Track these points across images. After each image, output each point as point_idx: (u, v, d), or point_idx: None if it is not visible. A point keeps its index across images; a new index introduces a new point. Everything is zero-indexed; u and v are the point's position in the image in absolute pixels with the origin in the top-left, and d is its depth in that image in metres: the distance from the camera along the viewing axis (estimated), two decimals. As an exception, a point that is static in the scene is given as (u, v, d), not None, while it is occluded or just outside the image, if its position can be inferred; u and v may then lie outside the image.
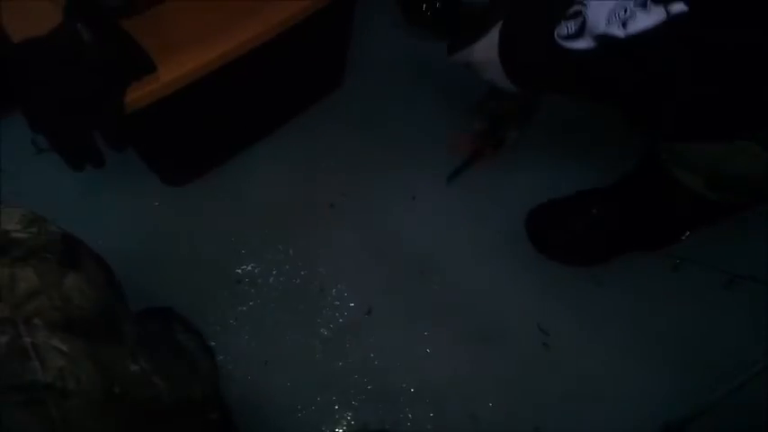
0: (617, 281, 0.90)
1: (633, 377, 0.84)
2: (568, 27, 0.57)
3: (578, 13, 0.56)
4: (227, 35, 0.71)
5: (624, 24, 0.50)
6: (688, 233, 0.86)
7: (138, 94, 0.66)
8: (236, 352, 0.82)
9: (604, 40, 0.54)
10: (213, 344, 0.81)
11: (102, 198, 0.89)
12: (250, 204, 0.93)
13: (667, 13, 0.48)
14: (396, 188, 0.95)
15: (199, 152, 0.91)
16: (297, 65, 0.88)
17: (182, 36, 0.70)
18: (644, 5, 0.49)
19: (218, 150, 0.94)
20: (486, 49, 0.67)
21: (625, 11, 0.51)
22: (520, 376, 0.84)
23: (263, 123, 0.97)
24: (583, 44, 0.56)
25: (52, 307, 0.35)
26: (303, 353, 0.83)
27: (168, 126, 0.78)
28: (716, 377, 0.81)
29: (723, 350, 0.84)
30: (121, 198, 0.91)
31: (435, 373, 0.83)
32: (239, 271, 0.88)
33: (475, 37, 0.68)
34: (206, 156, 0.93)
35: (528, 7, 0.65)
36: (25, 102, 0.62)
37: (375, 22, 1.05)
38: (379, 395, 0.81)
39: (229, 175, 0.95)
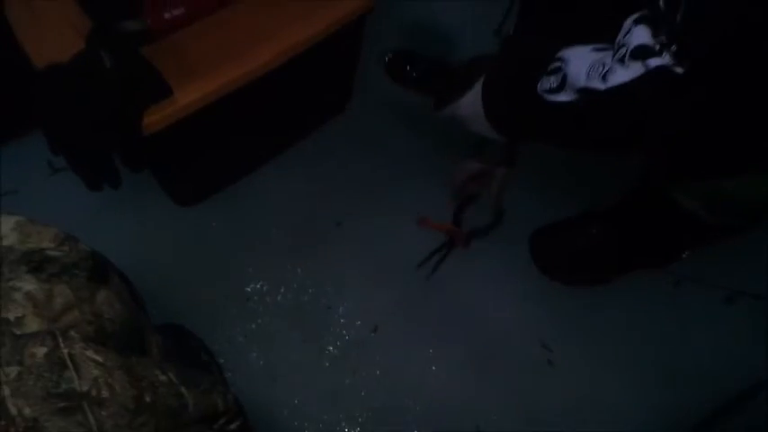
0: (618, 298, 0.92)
1: (634, 393, 0.85)
2: (550, 82, 0.61)
3: (559, 69, 0.60)
4: (241, 60, 0.74)
5: (604, 78, 0.54)
6: (688, 252, 0.88)
7: (156, 117, 0.69)
8: (244, 369, 0.83)
9: (585, 93, 0.57)
10: (222, 361, 0.83)
11: (114, 217, 0.91)
12: (259, 223, 0.95)
13: (645, 67, 0.51)
14: (401, 208, 0.98)
15: (210, 173, 0.94)
16: (306, 88, 0.91)
17: (197, 61, 0.73)
18: (622, 61, 0.52)
19: (229, 171, 0.97)
20: (471, 103, 0.72)
21: (603, 66, 0.54)
22: (524, 393, 0.85)
23: (272, 145, 1.00)
24: (564, 97, 0.60)
25: (86, 320, 0.37)
26: (310, 370, 0.85)
27: (183, 147, 0.81)
28: (717, 392, 0.82)
29: (724, 366, 0.86)
30: (134, 217, 0.93)
31: (441, 391, 0.84)
32: (248, 289, 0.90)
33: (460, 93, 0.73)
34: (217, 176, 0.96)
35: (509, 64, 0.69)
36: (47, 124, 0.65)
37: (381, 48, 1.09)
38: (385, 413, 0.82)
39: (239, 195, 0.97)
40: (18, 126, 0.91)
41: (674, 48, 0.49)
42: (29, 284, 0.37)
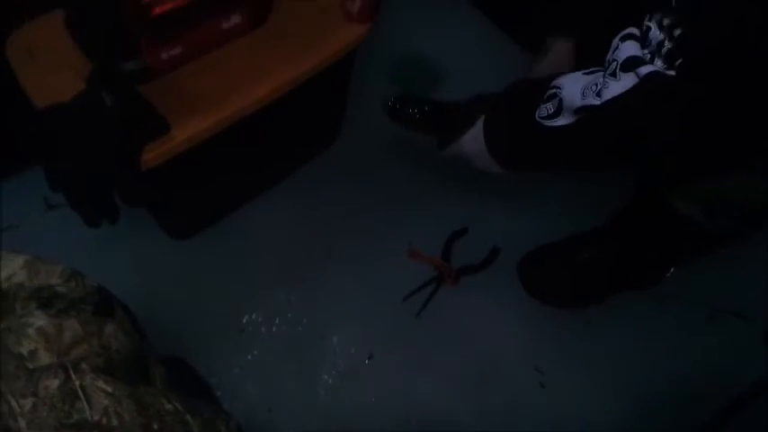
0: (605, 319, 0.94)
1: (623, 413, 0.87)
2: (547, 108, 0.64)
3: (554, 95, 0.63)
4: (236, 97, 0.76)
5: (599, 94, 0.57)
6: (672, 270, 0.90)
7: (154, 153, 0.71)
8: (241, 399, 0.84)
9: (582, 112, 0.60)
10: (219, 393, 0.83)
11: (111, 251, 0.92)
12: (253, 254, 0.96)
13: (637, 75, 0.54)
14: (392, 239, 1.00)
15: (206, 205, 0.96)
16: (299, 121, 0.93)
17: (194, 98, 0.75)
18: (614, 75, 0.55)
19: (223, 204, 0.99)
20: (473, 139, 0.75)
21: (597, 85, 0.57)
22: (518, 416, 0.86)
23: (265, 178, 1.02)
24: (562, 121, 0.63)
25: (95, 353, 0.38)
26: (306, 400, 0.85)
27: (179, 182, 0.83)
28: (703, 409, 0.84)
29: (709, 383, 0.88)
30: (130, 251, 0.94)
31: (437, 417, 0.85)
32: (243, 320, 0.91)
33: (462, 131, 0.76)
34: (212, 209, 0.98)
35: (507, 98, 0.73)
36: (48, 162, 0.66)
37: (370, 79, 1.13)
38: (381, 440, 0.83)
39: (233, 227, 0.99)
40: (19, 161, 0.93)
41: (665, 50, 0.51)
42: (40, 320, 0.38)
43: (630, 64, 0.54)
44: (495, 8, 1.24)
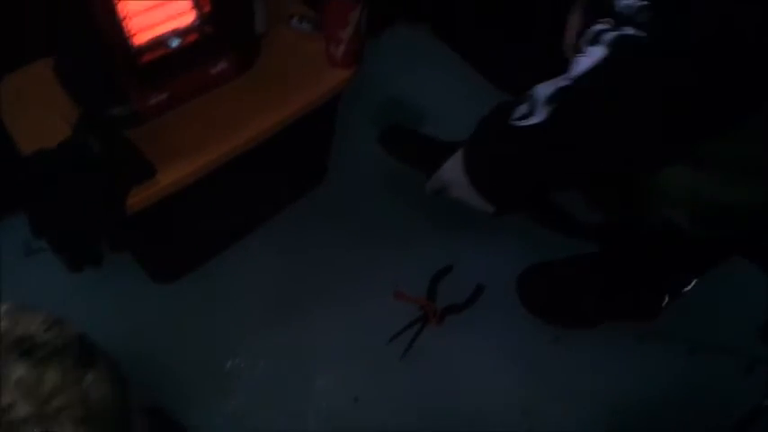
0: (591, 357, 0.94)
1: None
2: (521, 110, 0.64)
3: (528, 96, 0.64)
4: (222, 141, 0.78)
5: (570, 76, 0.57)
6: (668, 299, 0.90)
7: (139, 198, 0.71)
8: (225, 447, 0.82)
9: (555, 100, 0.59)
10: (202, 440, 0.81)
11: (93, 296, 0.90)
12: (238, 297, 0.96)
13: (605, 43, 0.54)
14: (377, 280, 0.99)
15: (189, 249, 0.95)
16: (284, 163, 0.95)
17: (181, 142, 0.76)
18: (582, 51, 0.55)
19: (208, 247, 0.99)
20: (453, 166, 0.75)
21: (568, 72, 0.57)
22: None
23: (251, 218, 1.02)
24: (537, 118, 0.61)
25: (75, 403, 0.38)
26: (292, 444, 0.83)
27: (164, 226, 0.83)
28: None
29: (696, 415, 0.88)
30: (111, 296, 0.92)
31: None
32: (227, 364, 0.89)
33: (444, 160, 0.77)
34: (196, 252, 0.97)
35: (483, 119, 0.73)
36: (32, 208, 0.66)
37: (355, 121, 1.15)
38: (368, 486, 0.81)
39: (218, 269, 0.98)
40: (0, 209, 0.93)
41: (636, 9, 0.51)
42: (20, 370, 0.38)
43: (597, 35, 0.54)
44: (472, 52, 1.29)
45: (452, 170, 0.74)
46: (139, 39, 0.70)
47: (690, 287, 0.90)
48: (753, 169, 0.61)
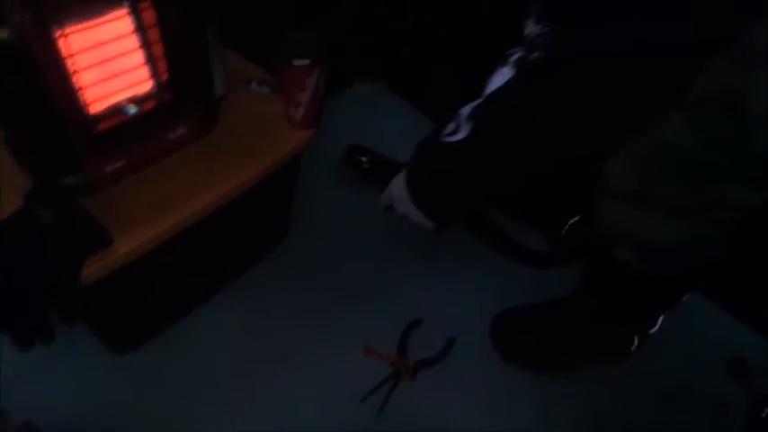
0: (563, 410, 0.93)
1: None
2: (449, 127, 0.72)
3: (456, 116, 0.71)
4: (182, 206, 0.76)
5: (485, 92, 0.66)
6: (637, 341, 0.91)
7: (95, 268, 0.69)
8: None
9: (474, 115, 0.68)
10: None
11: (43, 372, 0.85)
12: (200, 364, 0.92)
13: (511, 65, 0.63)
14: (347, 335, 0.98)
15: (149, 317, 0.92)
16: (247, 225, 0.94)
17: (138, 209, 0.75)
18: (495, 71, 0.65)
19: (169, 313, 0.95)
20: (397, 184, 0.81)
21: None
22: None
23: (213, 283, 1.00)
24: (461, 134, 0.69)
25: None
26: None
27: (121, 295, 0.80)
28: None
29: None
30: (64, 370, 0.87)
31: None
32: (192, 437, 0.85)
33: (393, 177, 0.84)
34: (156, 320, 0.94)
35: (424, 137, 0.79)
36: (-22, 286, 0.63)
37: (317, 177, 1.16)
38: None
39: (178, 337, 0.95)
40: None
41: (537, 35, 0.60)
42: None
43: (507, 58, 0.63)
44: (423, 101, 1.35)
45: (397, 187, 0.81)
46: (95, 108, 0.70)
47: (656, 328, 0.91)
48: (675, 208, 0.65)
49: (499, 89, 0.65)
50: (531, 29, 0.62)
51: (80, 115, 0.68)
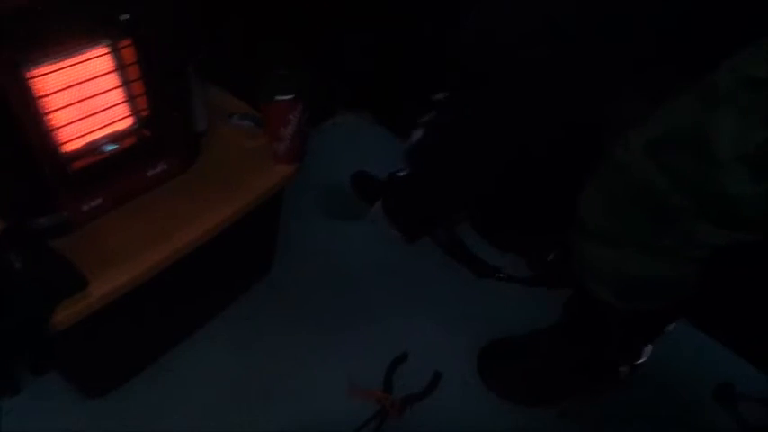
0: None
1: None
2: (400, 168, 1.03)
3: None
4: (160, 245, 0.74)
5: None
6: (625, 369, 0.90)
7: (68, 312, 0.66)
8: None
9: (405, 158, 1.02)
10: None
11: (12, 421, 0.81)
12: (181, 403, 0.89)
13: (422, 125, 0.96)
14: (333, 369, 0.95)
15: (126, 360, 0.88)
16: (228, 260, 0.91)
17: (115, 249, 0.72)
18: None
19: (147, 353, 0.92)
20: (378, 204, 1.07)
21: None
22: None
23: (194, 319, 0.97)
24: (404, 171, 1.03)
25: None
26: None
27: (97, 339, 0.76)
28: None
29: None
30: (33, 416, 0.83)
31: None
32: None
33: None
34: (133, 362, 0.90)
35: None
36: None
37: (301, 209, 1.14)
38: None
39: (158, 375, 0.91)
40: None
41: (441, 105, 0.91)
42: None
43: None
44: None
45: (378, 207, 1.07)
46: (70, 146, 0.68)
47: (644, 359, 0.90)
48: (646, 246, 0.67)
49: (414, 145, 0.98)
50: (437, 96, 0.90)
51: (53, 155, 0.65)
